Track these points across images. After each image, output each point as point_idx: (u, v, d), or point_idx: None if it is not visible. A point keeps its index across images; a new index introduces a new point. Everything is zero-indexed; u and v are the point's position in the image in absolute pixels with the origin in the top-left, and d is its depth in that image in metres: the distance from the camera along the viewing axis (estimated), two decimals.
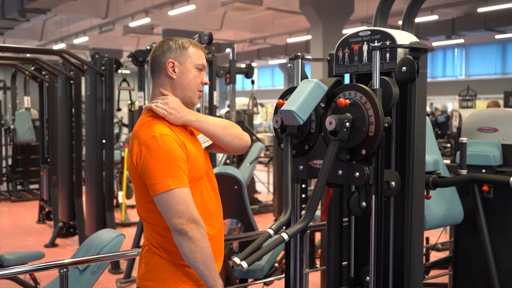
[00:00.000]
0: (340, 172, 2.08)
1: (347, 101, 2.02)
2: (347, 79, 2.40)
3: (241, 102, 9.03)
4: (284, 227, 2.09)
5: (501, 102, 11.61)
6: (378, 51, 2.04)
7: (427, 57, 2.12)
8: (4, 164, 9.36)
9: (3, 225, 7.30)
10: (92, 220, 5.47)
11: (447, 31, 15.24)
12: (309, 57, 2.50)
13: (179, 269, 1.87)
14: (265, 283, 3.52)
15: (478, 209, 2.82)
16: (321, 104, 2.19)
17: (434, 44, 18.84)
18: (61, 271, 2.24)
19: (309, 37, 14.74)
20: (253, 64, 5.96)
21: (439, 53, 20.89)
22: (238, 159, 8.44)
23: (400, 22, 2.60)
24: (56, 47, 17.83)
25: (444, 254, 5.16)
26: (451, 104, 20.57)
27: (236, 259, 1.83)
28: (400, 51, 2.14)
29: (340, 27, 11.76)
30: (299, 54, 2.34)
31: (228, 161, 5.99)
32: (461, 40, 17.18)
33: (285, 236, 1.93)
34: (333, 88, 2.14)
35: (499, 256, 2.85)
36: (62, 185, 6.22)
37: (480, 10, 13.18)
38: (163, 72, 1.91)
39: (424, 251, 4.57)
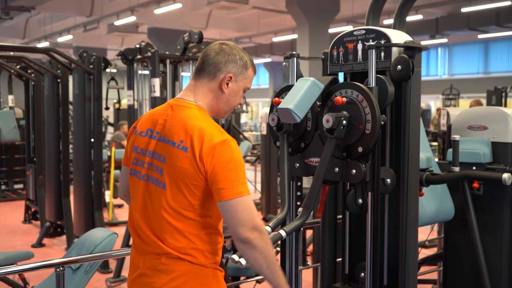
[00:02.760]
0: (337, 169, 2.10)
1: (344, 99, 2.05)
2: (341, 78, 2.42)
3: None
4: (280, 225, 2.11)
5: (484, 101, 11.78)
6: (373, 50, 2.07)
7: (421, 56, 2.16)
8: None
9: None
10: (81, 220, 5.44)
11: (431, 31, 15.39)
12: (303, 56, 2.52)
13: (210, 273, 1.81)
14: (257, 281, 3.54)
15: (468, 206, 2.87)
16: (317, 102, 2.22)
17: None
18: (57, 270, 2.23)
19: (294, 36, 14.80)
20: None
21: (423, 53, 21.01)
22: None
23: (385, 22, 2.63)
24: (40, 45, 17.61)
25: (432, 251, 5.23)
26: (433, 103, 20.78)
27: (235, 256, 1.82)
28: (394, 50, 2.17)
29: (326, 26, 11.81)
30: (294, 52, 2.36)
31: None
32: (445, 40, 17.36)
33: (283, 233, 1.95)
34: (329, 86, 2.17)
35: (488, 252, 2.90)
36: (49, 185, 6.17)
37: (463, 10, 13.33)
38: (216, 79, 1.82)
39: None
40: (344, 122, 2.01)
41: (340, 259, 2.49)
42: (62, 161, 5.99)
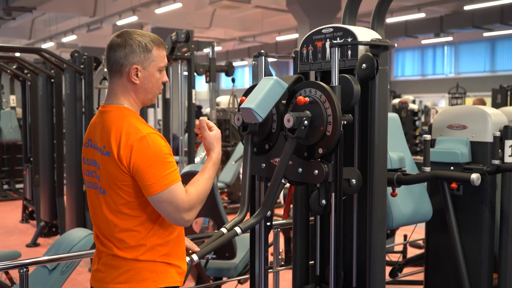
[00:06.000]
0: (300, 169, 2.07)
1: (307, 99, 2.01)
2: (313, 77, 2.39)
3: (227, 100, 9.04)
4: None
5: (489, 100, 11.65)
6: (337, 48, 2.04)
7: (387, 54, 2.12)
8: None
9: None
10: (73, 219, 5.44)
11: (436, 29, 15.28)
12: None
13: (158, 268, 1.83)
14: (239, 281, 3.52)
15: (448, 206, 2.83)
16: (283, 102, 2.19)
17: (423, 41, 18.89)
18: (21, 271, 2.23)
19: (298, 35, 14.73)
20: (244, 63, 5.99)
21: (429, 51, 20.94)
22: (224, 157, 8.42)
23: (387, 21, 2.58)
24: (45, 45, 17.74)
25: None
26: (444, 101, 20.62)
27: (188, 256, 1.88)
28: (361, 48, 2.14)
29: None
30: (262, 51, 2.33)
31: None
32: (450, 38, 17.23)
33: (238, 230, 1.95)
34: (294, 85, 2.13)
35: (468, 252, 2.86)
36: (44, 184, 6.18)
37: (466, 8, 13.21)
38: (124, 76, 1.81)
39: (401, 248, 4.59)
40: (306, 122, 1.97)
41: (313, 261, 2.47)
42: (56, 160, 6.00)
